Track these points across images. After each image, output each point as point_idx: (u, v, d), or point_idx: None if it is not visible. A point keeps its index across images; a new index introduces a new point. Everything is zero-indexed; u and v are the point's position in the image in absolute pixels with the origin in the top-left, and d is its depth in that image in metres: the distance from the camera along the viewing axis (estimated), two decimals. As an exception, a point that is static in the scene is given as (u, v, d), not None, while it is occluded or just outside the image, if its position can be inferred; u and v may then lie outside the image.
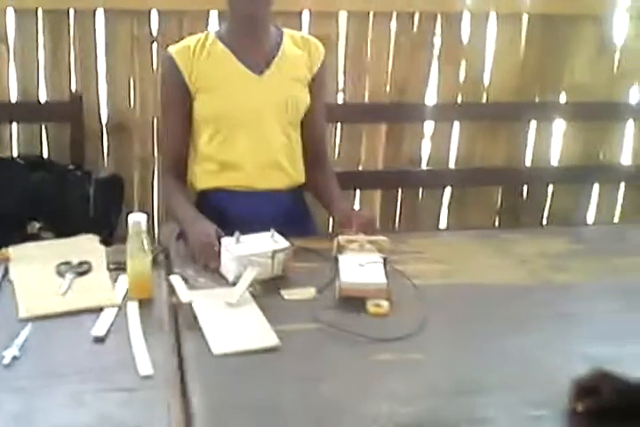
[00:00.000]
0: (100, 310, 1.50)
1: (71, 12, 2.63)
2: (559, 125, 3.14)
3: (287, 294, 1.60)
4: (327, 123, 2.28)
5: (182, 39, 2.13)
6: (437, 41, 2.92)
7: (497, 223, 3.17)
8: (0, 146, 2.71)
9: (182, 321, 1.48)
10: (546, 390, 1.27)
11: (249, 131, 1.98)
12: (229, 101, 1.96)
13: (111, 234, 2.41)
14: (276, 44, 2.01)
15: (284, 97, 1.99)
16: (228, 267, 1.65)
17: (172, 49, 1.99)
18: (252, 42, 1.97)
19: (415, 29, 2.88)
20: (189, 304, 1.50)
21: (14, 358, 1.33)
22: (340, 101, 2.89)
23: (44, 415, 1.19)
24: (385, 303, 1.54)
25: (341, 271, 1.61)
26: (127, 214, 1.58)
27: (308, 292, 1.61)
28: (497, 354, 1.41)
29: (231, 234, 1.68)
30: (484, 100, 3.04)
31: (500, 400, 1.27)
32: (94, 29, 2.67)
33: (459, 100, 3.02)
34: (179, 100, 1.98)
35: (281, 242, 1.69)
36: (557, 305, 1.61)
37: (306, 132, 2.10)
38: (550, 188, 3.20)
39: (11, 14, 2.61)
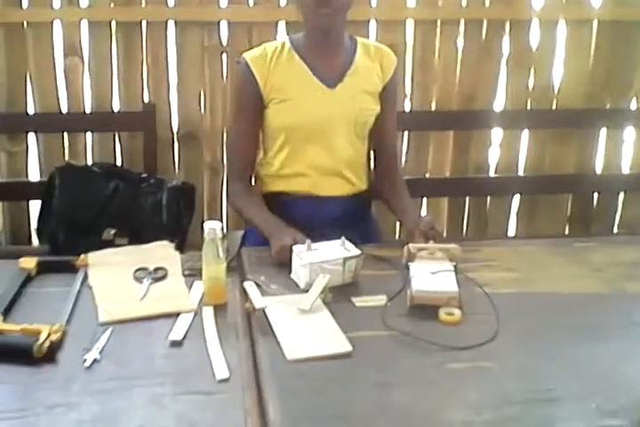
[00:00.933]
0: (177, 315, 1.53)
1: (143, 23, 2.71)
2: (630, 132, 3.11)
3: (358, 301, 1.61)
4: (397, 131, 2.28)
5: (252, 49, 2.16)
6: (506, 48, 2.91)
7: (567, 231, 3.15)
8: (75, 155, 2.80)
9: (256, 326, 1.49)
10: (621, 400, 1.25)
11: (318, 141, 2.00)
12: (301, 113, 1.97)
13: (183, 240, 2.46)
14: (350, 55, 2.01)
15: (354, 110, 2.00)
16: (299, 273, 1.67)
17: (248, 55, 2.00)
18: (326, 54, 1.98)
19: (483, 36, 2.89)
20: (263, 310, 1.52)
21: (95, 360, 1.36)
22: (407, 109, 2.90)
23: (124, 417, 1.21)
24: (457, 311, 1.54)
25: (413, 279, 1.61)
26: (201, 222, 1.61)
27: (380, 299, 1.61)
28: (571, 363, 1.39)
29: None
30: (554, 107, 3.02)
31: (575, 409, 1.25)
32: (166, 40, 2.75)
33: (528, 106, 3.00)
34: (251, 106, 2.00)
35: (352, 250, 1.70)
36: (632, 314, 1.58)
37: (377, 141, 2.11)
38: (621, 195, 3.16)
39: (85, 27, 2.69)
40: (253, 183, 2.16)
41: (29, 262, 1.73)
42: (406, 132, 2.94)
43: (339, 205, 2.06)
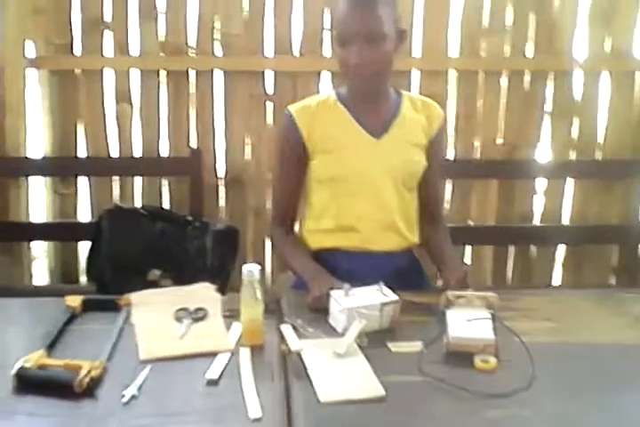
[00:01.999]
0: (215, 354, 1.55)
1: (191, 72, 2.81)
2: (676, 183, 3.08)
3: (394, 346, 1.61)
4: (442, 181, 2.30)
5: (296, 98, 2.23)
6: (549, 98, 2.94)
7: (613, 282, 3.11)
8: (124, 197, 2.89)
9: (291, 368, 1.51)
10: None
11: (365, 193, 1.98)
12: (347, 164, 1.97)
13: (226, 282, 2.50)
14: (395, 107, 2.01)
15: (400, 161, 1.99)
16: (337, 318, 1.68)
17: (293, 108, 2.01)
18: (371, 106, 1.98)
19: (526, 87, 2.92)
20: (299, 353, 1.53)
21: (133, 397, 1.38)
22: (451, 157, 2.93)
23: (159, 453, 1.24)
24: (492, 359, 1.53)
25: (449, 326, 1.61)
26: (243, 264, 1.64)
27: (415, 345, 1.61)
28: (607, 412, 1.37)
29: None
30: (598, 158, 3.03)
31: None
32: (212, 88, 2.84)
33: (572, 157, 3.02)
34: (295, 157, 2.01)
35: (389, 295, 1.71)
36: (672, 365, 1.56)
37: (422, 191, 2.10)
38: (668, 247, 3.13)
39: (135, 75, 2.81)
40: (304, 238, 2.14)
41: (75, 301, 1.77)
42: (450, 181, 2.97)
43: (391, 260, 2.04)
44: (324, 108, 2.00)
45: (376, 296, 1.70)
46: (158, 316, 1.73)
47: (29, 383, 1.41)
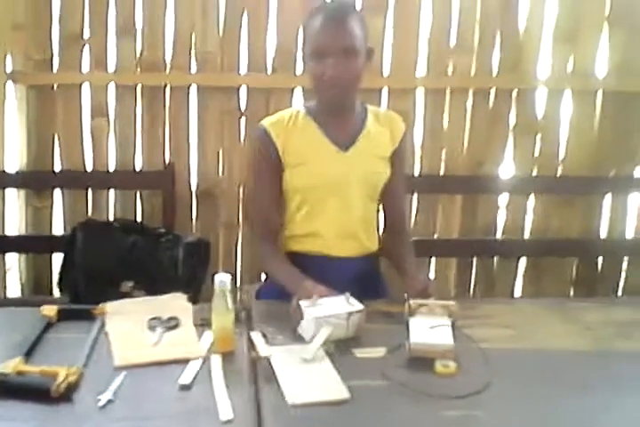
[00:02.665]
0: (187, 361, 1.61)
1: (167, 88, 2.87)
2: (634, 199, 3.19)
3: (359, 352, 1.69)
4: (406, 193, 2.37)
5: (269, 114, 2.28)
6: (513, 116, 3.03)
7: (572, 294, 3.20)
8: (98, 210, 2.93)
9: (261, 373, 1.57)
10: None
11: (332, 203, 2.06)
12: (316, 176, 2.04)
13: (197, 293, 2.55)
14: (361, 120, 2.10)
15: (366, 172, 2.07)
16: (304, 327, 1.75)
17: (267, 122, 2.08)
18: (338, 120, 2.06)
19: (491, 105, 3.01)
20: (268, 358, 1.60)
21: (109, 401, 1.44)
22: (417, 173, 3.02)
23: (133, 454, 1.30)
24: (452, 364, 1.61)
25: (411, 333, 1.68)
26: (213, 275, 1.71)
27: (379, 351, 1.69)
28: (556, 414, 1.45)
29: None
30: (559, 174, 3.12)
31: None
32: (187, 104, 2.90)
33: (534, 173, 3.11)
34: (272, 170, 2.06)
35: (356, 305, 1.77)
36: (619, 371, 1.64)
37: (386, 202, 2.19)
38: (625, 260, 3.22)
39: (112, 89, 2.86)
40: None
41: (50, 310, 1.83)
42: (416, 195, 3.04)
43: (350, 266, 2.12)
44: (295, 122, 2.07)
45: (343, 305, 1.77)
46: (132, 325, 1.79)
47: (8, 389, 1.46)
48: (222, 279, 1.64)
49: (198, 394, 1.49)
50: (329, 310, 1.74)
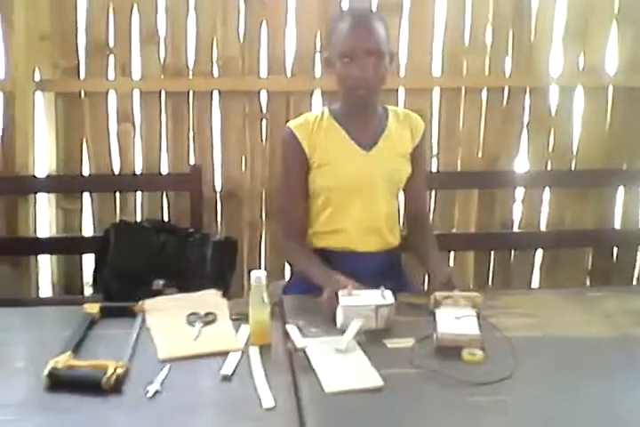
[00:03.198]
0: (226, 353, 1.69)
1: (190, 93, 2.95)
2: (646, 190, 3.24)
3: (389, 342, 1.77)
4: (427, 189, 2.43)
5: (289, 116, 2.36)
6: (526, 112, 3.10)
7: (588, 284, 3.26)
8: (126, 212, 3.01)
9: (297, 364, 1.66)
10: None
11: (356, 201, 2.15)
12: (340, 175, 2.12)
13: (226, 290, 2.62)
14: (383, 121, 2.18)
15: (388, 171, 2.16)
16: (337, 314, 1.84)
17: (292, 124, 2.16)
18: (361, 121, 2.15)
19: (505, 102, 3.08)
20: (303, 350, 1.69)
21: (156, 392, 1.53)
22: (435, 169, 3.09)
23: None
24: (479, 352, 1.69)
25: (438, 323, 1.77)
26: (242, 273, 1.78)
27: (409, 341, 1.77)
28: (579, 399, 1.53)
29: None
30: (573, 168, 3.18)
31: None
32: (210, 108, 2.98)
33: (548, 167, 3.17)
34: (299, 169, 2.14)
35: (388, 299, 1.85)
36: (636, 356, 1.72)
37: (408, 198, 2.28)
38: (640, 249, 3.29)
39: (137, 96, 2.95)
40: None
41: (93, 308, 1.92)
42: (434, 191, 3.12)
43: (374, 261, 2.20)
44: (320, 124, 2.15)
45: (375, 298, 1.84)
46: (171, 320, 1.88)
47: (61, 383, 1.54)
48: (258, 275, 1.73)
49: (239, 384, 1.58)
50: (360, 301, 1.82)
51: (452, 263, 3.20)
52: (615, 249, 3.30)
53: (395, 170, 2.18)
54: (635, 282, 3.28)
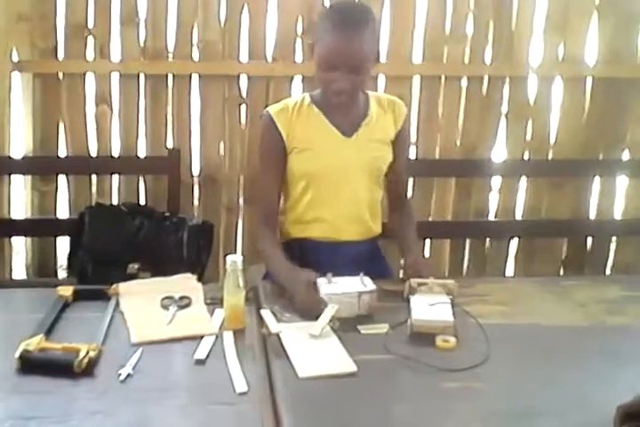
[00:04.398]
0: (200, 338, 1.69)
1: (169, 76, 2.93)
2: (622, 181, 3.28)
3: (363, 329, 1.77)
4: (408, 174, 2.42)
5: (269, 101, 2.33)
6: (505, 102, 3.11)
7: (562, 273, 3.29)
8: (102, 195, 3.00)
9: (271, 349, 1.66)
10: (595, 416, 1.39)
11: (337, 188, 2.13)
12: (321, 161, 2.11)
13: (201, 274, 2.62)
14: (364, 107, 2.16)
15: (370, 157, 2.14)
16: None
17: (272, 109, 2.14)
18: (342, 108, 2.11)
19: (484, 91, 3.08)
20: (277, 335, 1.69)
21: (129, 375, 1.52)
22: (413, 157, 3.09)
23: (156, 423, 1.37)
24: (452, 339, 1.70)
25: (413, 310, 1.78)
26: (217, 257, 1.78)
27: (383, 327, 1.78)
28: (551, 385, 1.54)
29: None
30: (550, 157, 3.20)
31: (553, 423, 1.41)
32: (189, 92, 2.96)
33: (525, 156, 3.19)
34: (276, 156, 2.13)
35: (369, 285, 1.85)
36: (610, 344, 1.73)
37: (389, 183, 2.25)
38: (614, 240, 3.32)
39: (115, 78, 2.92)
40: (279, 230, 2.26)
41: (66, 291, 1.90)
42: (411, 179, 3.11)
43: (356, 249, 2.19)
44: (300, 110, 2.13)
45: (356, 285, 1.85)
46: (145, 304, 1.87)
47: (32, 365, 1.53)
48: (234, 260, 1.73)
49: (213, 368, 1.58)
50: (341, 289, 1.83)
51: (428, 250, 3.21)
52: (589, 239, 3.33)
53: (376, 157, 2.16)
54: (608, 271, 3.31)
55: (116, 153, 2.99)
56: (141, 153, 3.01)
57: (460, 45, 3.04)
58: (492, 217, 3.25)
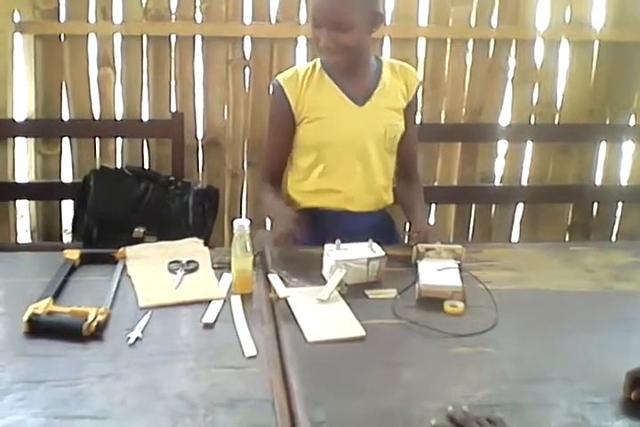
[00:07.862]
0: (208, 302, 1.70)
1: (172, 38, 2.89)
2: (628, 146, 3.26)
3: (371, 293, 1.78)
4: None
5: (274, 63, 2.28)
6: (512, 65, 3.08)
7: (567, 239, 3.30)
8: (106, 158, 2.98)
9: (279, 313, 1.66)
10: (603, 381, 1.40)
11: (349, 158, 2.11)
12: (332, 131, 2.08)
13: (207, 239, 2.63)
14: (377, 75, 2.12)
15: (382, 126, 2.11)
16: (327, 270, 1.84)
17: (281, 77, 2.10)
18: (354, 75, 2.08)
19: (490, 54, 3.05)
20: (285, 299, 1.69)
21: (137, 339, 1.53)
22: (418, 121, 3.06)
23: (165, 386, 1.38)
24: (460, 304, 1.70)
25: (421, 275, 1.78)
26: (223, 222, 1.77)
27: (391, 292, 1.78)
28: (560, 350, 1.55)
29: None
30: (557, 122, 3.18)
31: (562, 388, 1.41)
32: (193, 54, 2.92)
33: (532, 121, 3.17)
34: (284, 125, 2.11)
35: (378, 251, 1.85)
36: (618, 310, 1.74)
37: (400, 150, 2.21)
38: (620, 206, 3.31)
39: (118, 40, 2.88)
40: (289, 197, 2.25)
41: (73, 254, 1.91)
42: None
43: (368, 219, 2.18)
44: (310, 77, 2.09)
45: (364, 251, 1.85)
46: (153, 268, 1.88)
47: (40, 328, 1.54)
48: (241, 224, 1.72)
49: (221, 332, 1.58)
50: (350, 255, 1.82)
51: (433, 215, 3.21)
52: (595, 205, 3.32)
53: (389, 125, 2.13)
54: (614, 238, 3.31)
55: (119, 116, 2.96)
56: (145, 116, 2.98)
57: (466, 8, 2.99)
58: (497, 182, 3.23)
